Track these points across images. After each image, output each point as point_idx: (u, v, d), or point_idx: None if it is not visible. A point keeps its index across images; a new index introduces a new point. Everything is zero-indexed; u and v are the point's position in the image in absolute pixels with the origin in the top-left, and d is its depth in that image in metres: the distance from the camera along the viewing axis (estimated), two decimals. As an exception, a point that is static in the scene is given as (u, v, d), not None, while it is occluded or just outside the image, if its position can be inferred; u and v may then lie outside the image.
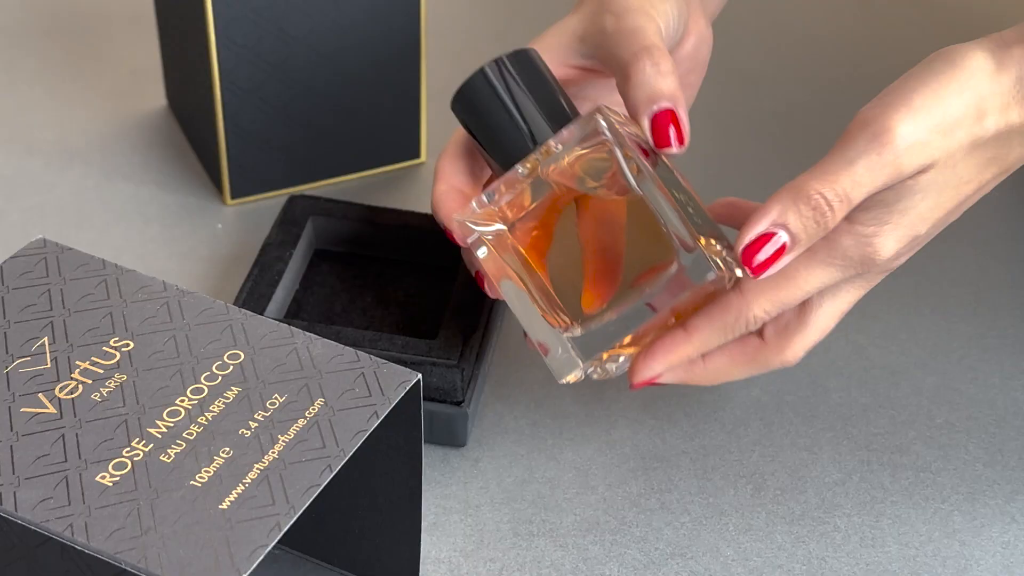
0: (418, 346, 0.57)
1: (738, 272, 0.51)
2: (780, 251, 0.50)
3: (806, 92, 0.80)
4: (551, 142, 0.52)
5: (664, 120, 0.52)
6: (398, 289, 0.63)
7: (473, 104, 0.54)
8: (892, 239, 0.51)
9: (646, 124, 0.52)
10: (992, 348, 0.64)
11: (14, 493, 0.42)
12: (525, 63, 0.54)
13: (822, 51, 0.83)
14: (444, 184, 0.56)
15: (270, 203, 0.71)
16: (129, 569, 0.40)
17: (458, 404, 0.57)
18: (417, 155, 0.73)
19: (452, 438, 0.58)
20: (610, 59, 0.55)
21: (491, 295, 0.55)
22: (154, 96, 0.77)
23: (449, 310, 0.59)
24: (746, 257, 0.50)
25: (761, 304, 0.52)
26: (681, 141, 0.52)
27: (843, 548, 0.55)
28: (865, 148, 0.49)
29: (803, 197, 0.49)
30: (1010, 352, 0.63)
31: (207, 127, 0.69)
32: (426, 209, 0.69)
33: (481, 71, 0.54)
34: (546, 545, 0.54)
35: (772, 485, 0.57)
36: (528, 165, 0.52)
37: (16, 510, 0.41)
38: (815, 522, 0.56)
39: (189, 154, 0.74)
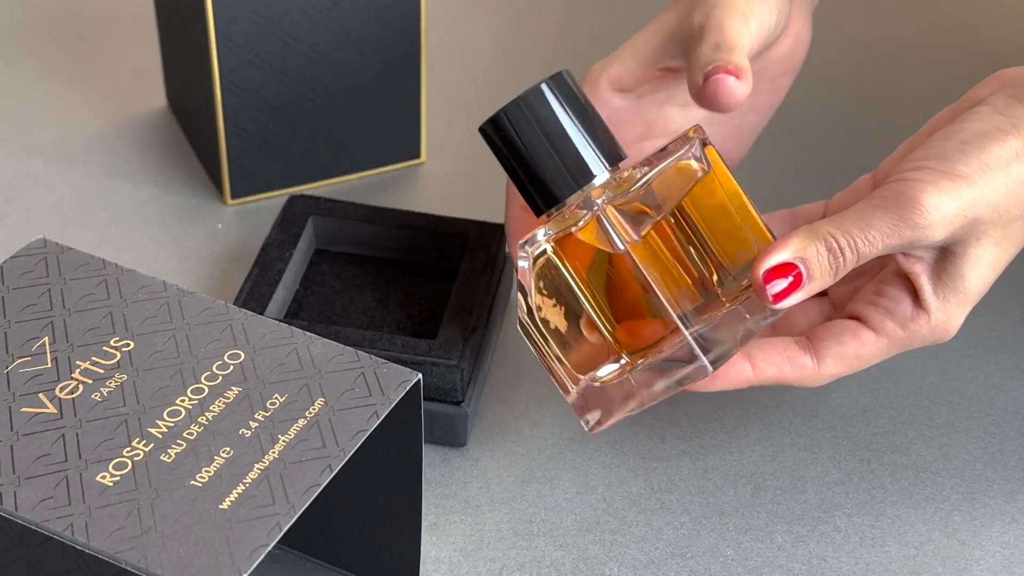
0: (418, 346, 0.57)
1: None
2: (796, 284, 0.50)
3: (807, 93, 0.80)
4: (597, 184, 0.51)
5: (713, 79, 0.52)
6: (398, 289, 0.63)
7: (508, 136, 0.51)
8: (961, 318, 0.53)
9: (699, 90, 0.52)
10: (992, 348, 0.64)
11: (14, 493, 0.42)
12: (566, 89, 0.51)
13: (823, 52, 0.83)
14: (514, 207, 0.56)
15: (270, 203, 0.71)
16: (129, 569, 0.40)
17: (458, 404, 0.57)
18: (417, 155, 0.73)
19: (452, 438, 0.58)
20: (687, 52, 0.54)
21: None
22: (154, 96, 0.77)
23: (449, 310, 0.59)
24: (766, 280, 0.50)
25: (829, 378, 0.54)
26: (740, 75, 0.51)
27: (843, 548, 0.55)
28: (885, 212, 0.50)
29: (820, 237, 0.50)
30: (1010, 352, 0.63)
31: (207, 127, 0.69)
32: (426, 209, 0.69)
33: (518, 101, 0.51)
34: (546, 545, 0.54)
35: (772, 485, 0.57)
36: (570, 207, 0.51)
37: (16, 510, 0.41)
38: (815, 522, 0.56)
39: (189, 154, 0.74)
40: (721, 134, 0.60)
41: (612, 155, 0.51)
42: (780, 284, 0.50)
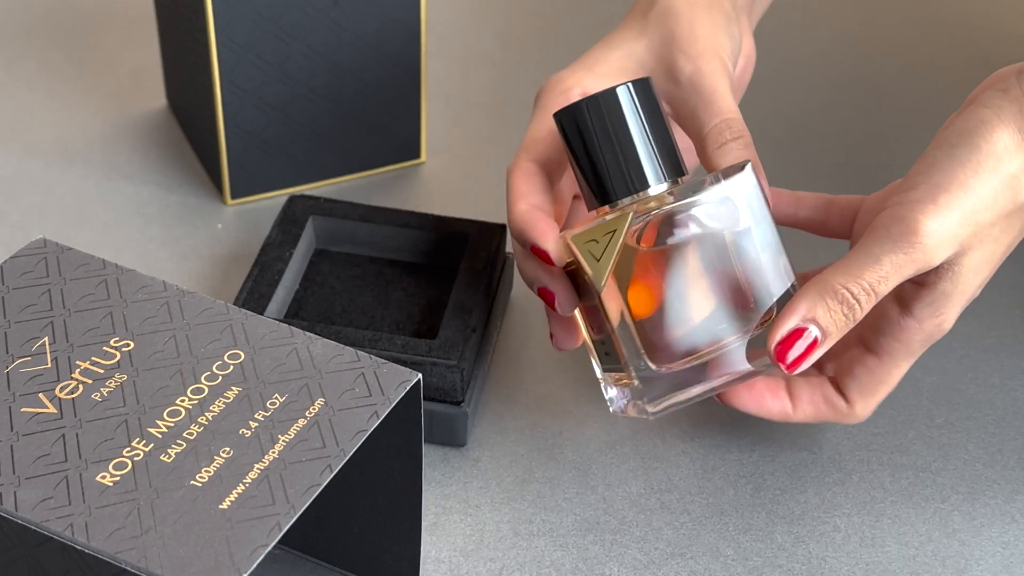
0: (418, 346, 0.57)
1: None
2: (812, 346, 0.51)
3: (806, 91, 0.80)
4: (663, 192, 0.51)
5: None
6: (398, 289, 0.63)
7: (591, 124, 0.52)
8: (955, 315, 0.53)
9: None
10: (992, 348, 0.64)
11: (14, 493, 0.42)
12: (648, 96, 0.52)
13: (822, 50, 0.83)
14: (525, 203, 0.55)
15: (270, 203, 0.71)
16: (129, 569, 0.40)
17: (458, 404, 0.57)
18: (417, 155, 0.73)
19: (452, 438, 0.58)
20: (684, 116, 0.56)
21: (561, 313, 0.55)
22: (154, 96, 0.77)
23: (449, 310, 0.59)
24: (779, 355, 0.50)
25: (865, 412, 0.55)
26: (768, 204, 0.53)
27: (843, 548, 0.55)
28: (892, 247, 0.50)
29: (830, 292, 0.50)
30: (1010, 352, 0.63)
31: (207, 127, 0.69)
32: (426, 209, 0.69)
33: (612, 91, 0.52)
34: (546, 545, 0.54)
35: (772, 485, 0.57)
36: (638, 206, 0.51)
37: (16, 510, 0.41)
38: (815, 522, 0.56)
39: (189, 154, 0.74)
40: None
41: (680, 168, 0.53)
42: (794, 352, 0.50)
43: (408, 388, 0.46)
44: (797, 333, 0.50)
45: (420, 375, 0.46)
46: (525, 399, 0.60)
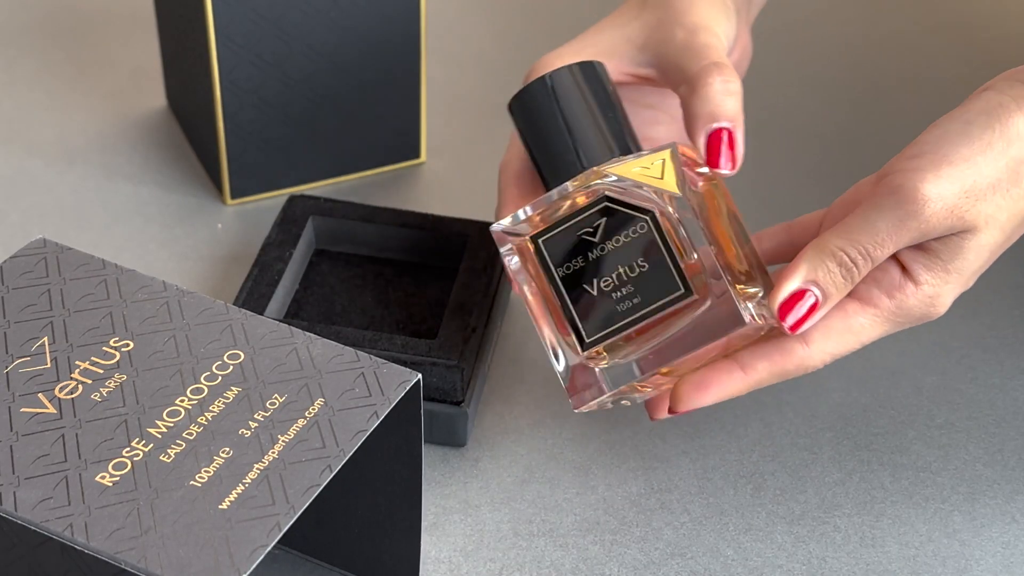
0: (418, 346, 0.57)
1: (771, 321, 0.51)
2: (813, 307, 0.50)
3: (804, 91, 0.80)
4: (604, 167, 0.52)
5: (718, 139, 0.53)
6: (398, 289, 0.63)
7: (531, 110, 0.54)
8: (950, 296, 0.52)
9: (701, 141, 0.53)
10: (992, 348, 0.64)
11: (14, 493, 0.42)
12: (592, 77, 0.54)
13: (821, 50, 0.83)
14: (511, 209, 0.56)
15: (270, 203, 0.71)
16: (129, 569, 0.40)
17: (458, 404, 0.57)
18: (417, 155, 0.73)
19: (452, 438, 0.58)
20: (675, 71, 0.55)
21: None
22: (154, 96, 0.77)
23: (449, 310, 0.59)
24: (782, 314, 0.50)
25: (823, 357, 0.53)
26: (733, 163, 0.53)
27: (843, 548, 0.55)
28: (889, 212, 0.50)
29: (828, 254, 0.50)
30: (1010, 352, 0.63)
31: (207, 127, 0.69)
32: (426, 209, 0.69)
33: (545, 78, 0.54)
34: (546, 545, 0.54)
35: (772, 485, 0.57)
36: (575, 184, 0.52)
37: (16, 510, 0.41)
38: (815, 522, 0.56)
39: (189, 154, 0.74)
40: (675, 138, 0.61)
41: (626, 145, 0.53)
42: (796, 313, 0.50)
43: (408, 388, 0.46)
44: (799, 295, 0.50)
45: (420, 375, 0.46)
46: (525, 399, 0.60)
